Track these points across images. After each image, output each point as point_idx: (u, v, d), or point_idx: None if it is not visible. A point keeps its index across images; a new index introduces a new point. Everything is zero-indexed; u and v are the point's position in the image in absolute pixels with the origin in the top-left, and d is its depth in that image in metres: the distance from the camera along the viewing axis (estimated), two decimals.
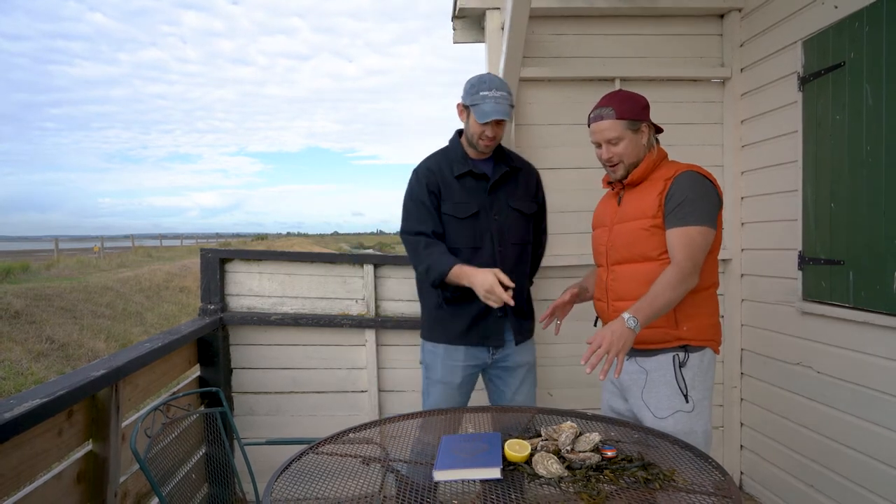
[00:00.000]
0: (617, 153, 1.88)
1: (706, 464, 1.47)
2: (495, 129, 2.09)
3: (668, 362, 1.84)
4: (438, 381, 2.20)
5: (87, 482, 1.80)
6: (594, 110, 1.92)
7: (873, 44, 2.07)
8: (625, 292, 1.89)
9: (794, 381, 2.59)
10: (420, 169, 2.21)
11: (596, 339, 1.62)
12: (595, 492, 1.32)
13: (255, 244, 41.60)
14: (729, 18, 2.99)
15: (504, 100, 2.07)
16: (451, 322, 2.17)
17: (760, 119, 2.83)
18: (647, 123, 1.90)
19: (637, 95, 1.93)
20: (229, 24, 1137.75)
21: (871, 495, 2.16)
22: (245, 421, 3.01)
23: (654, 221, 1.82)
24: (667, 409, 1.81)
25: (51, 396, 1.55)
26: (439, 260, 2.05)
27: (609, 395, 2.05)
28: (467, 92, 2.12)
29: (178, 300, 14.48)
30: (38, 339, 8.83)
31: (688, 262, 1.74)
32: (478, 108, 2.06)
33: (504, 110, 2.05)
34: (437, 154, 2.26)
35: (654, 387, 1.85)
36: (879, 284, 2.07)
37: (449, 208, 2.14)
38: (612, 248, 1.94)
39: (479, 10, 2.99)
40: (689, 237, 1.76)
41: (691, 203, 1.78)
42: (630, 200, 1.92)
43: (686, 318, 1.82)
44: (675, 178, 1.82)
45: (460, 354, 2.18)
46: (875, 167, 2.07)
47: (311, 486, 1.41)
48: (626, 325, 1.63)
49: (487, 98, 2.05)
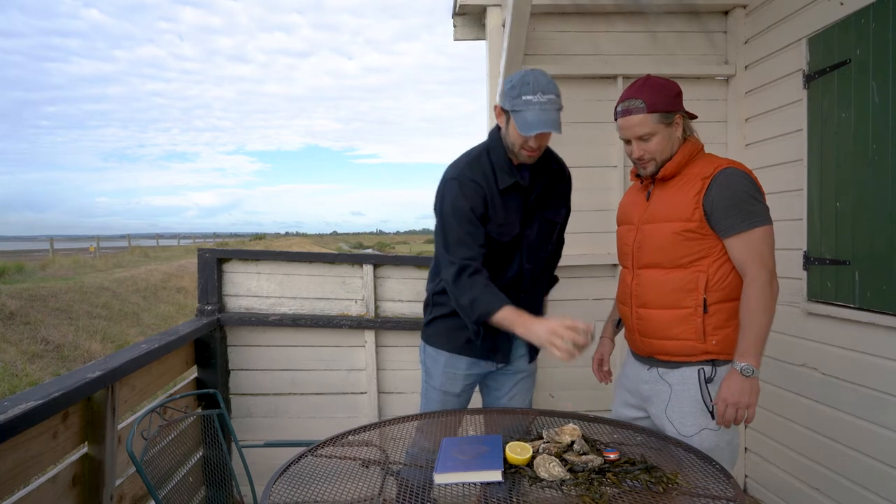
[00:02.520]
0: (649, 150, 1.71)
1: (710, 466, 1.45)
2: (539, 140, 1.78)
3: (692, 377, 1.71)
4: (437, 388, 2.08)
5: (82, 485, 1.78)
6: (621, 102, 1.72)
7: (880, 41, 2.05)
8: (651, 300, 1.76)
9: (799, 382, 2.57)
10: (464, 180, 1.85)
11: (720, 404, 1.61)
12: (598, 495, 1.30)
13: (254, 244, 41.60)
14: (733, 15, 2.98)
15: (552, 105, 1.73)
16: (459, 332, 1.98)
17: (765, 117, 2.81)
18: (680, 114, 1.72)
19: (669, 82, 1.73)
20: (228, 20, 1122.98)
21: (876, 498, 2.14)
22: (243, 423, 2.98)
23: (689, 225, 1.66)
24: (692, 427, 1.70)
25: (46, 398, 1.54)
26: (487, 296, 1.75)
27: (621, 406, 1.95)
28: (507, 94, 1.78)
29: (175, 301, 14.46)
30: (33, 341, 8.80)
31: (763, 272, 1.61)
32: (520, 116, 1.73)
33: (552, 119, 1.73)
34: (479, 159, 1.90)
35: (679, 402, 1.72)
36: (886, 285, 2.05)
37: (494, 229, 1.85)
38: (640, 249, 1.78)
39: (479, 7, 2.97)
40: (754, 243, 1.62)
41: (742, 204, 1.62)
42: (661, 197, 1.75)
43: (715, 331, 1.68)
44: (713, 177, 1.65)
45: (462, 364, 2.02)
46: (881, 166, 2.05)
47: (310, 489, 1.39)
48: (744, 377, 1.59)
49: (532, 104, 1.72)
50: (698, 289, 1.68)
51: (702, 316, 1.68)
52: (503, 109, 1.82)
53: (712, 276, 1.67)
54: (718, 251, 1.67)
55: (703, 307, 1.67)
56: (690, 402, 1.71)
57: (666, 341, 1.73)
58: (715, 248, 1.67)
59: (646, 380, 1.82)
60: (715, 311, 1.67)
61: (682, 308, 1.70)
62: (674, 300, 1.70)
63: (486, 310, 1.74)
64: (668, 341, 1.73)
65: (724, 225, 1.64)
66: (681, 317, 1.70)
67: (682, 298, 1.70)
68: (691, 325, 1.69)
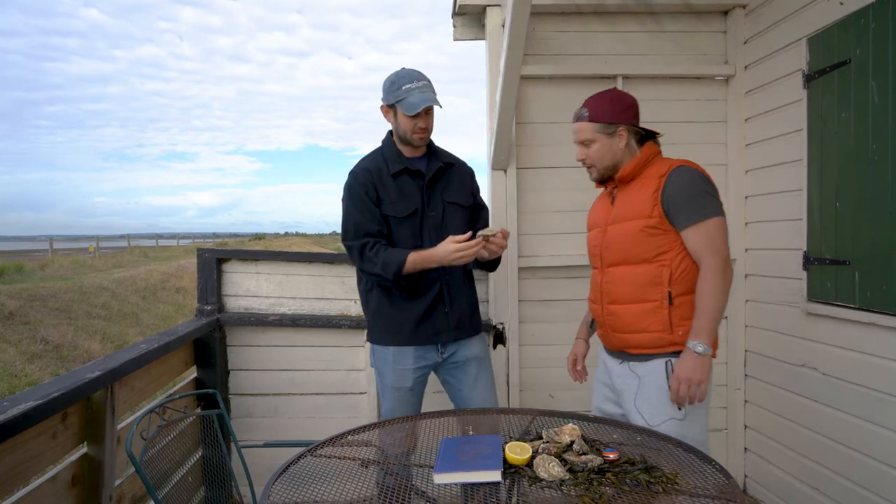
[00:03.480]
0: (590, 155, 1.90)
1: (709, 467, 1.45)
2: (426, 119, 2.08)
3: (660, 368, 1.82)
4: (390, 387, 2.19)
5: (81, 485, 1.78)
6: (576, 110, 1.93)
7: (880, 40, 2.04)
8: (620, 295, 1.88)
9: (799, 382, 2.57)
10: (357, 170, 2.17)
11: (673, 381, 1.74)
12: (597, 495, 1.30)
13: (253, 244, 41.57)
14: (733, 15, 2.97)
15: (427, 87, 2.06)
16: (399, 323, 2.14)
17: (765, 117, 2.81)
18: (626, 127, 1.86)
19: (624, 97, 1.90)
20: (227, 20, 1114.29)
21: (876, 498, 2.13)
22: (242, 423, 2.97)
23: (650, 222, 1.80)
24: (660, 416, 1.80)
25: (45, 398, 1.54)
26: (391, 254, 2.03)
27: (600, 399, 2.05)
28: (388, 91, 2.09)
29: (174, 301, 14.46)
30: (33, 341, 8.80)
31: (717, 259, 1.74)
32: (405, 102, 2.03)
33: (432, 97, 2.04)
34: (373, 154, 2.22)
35: (647, 393, 1.83)
36: (885, 285, 2.05)
37: (388, 208, 2.11)
38: (607, 249, 1.91)
39: (479, 7, 2.96)
40: (707, 232, 1.75)
41: (695, 197, 1.76)
42: (624, 199, 1.89)
43: (681, 322, 1.79)
44: (668, 175, 1.79)
45: (409, 358, 2.15)
46: (881, 166, 2.05)
47: (310, 489, 1.38)
48: (695, 354, 1.71)
49: (412, 90, 2.03)
50: (663, 282, 1.80)
51: (668, 308, 1.79)
52: (389, 106, 2.11)
53: (675, 270, 1.80)
54: (679, 245, 1.80)
55: (668, 300, 1.79)
56: (658, 393, 1.81)
57: (636, 334, 1.84)
58: (676, 243, 1.80)
59: (618, 374, 1.93)
60: (680, 303, 1.79)
61: (649, 301, 1.82)
62: (641, 294, 1.82)
63: (396, 263, 2.00)
64: (637, 334, 1.84)
65: (679, 217, 1.77)
66: (648, 310, 1.82)
67: (648, 292, 1.81)
68: (658, 318, 1.80)
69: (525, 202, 3.01)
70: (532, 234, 3.02)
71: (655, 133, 1.94)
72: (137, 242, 37.80)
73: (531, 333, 3.02)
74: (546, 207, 3.02)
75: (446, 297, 2.14)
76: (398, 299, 2.13)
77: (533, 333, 3.02)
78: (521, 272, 2.97)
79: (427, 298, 2.11)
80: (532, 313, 3.00)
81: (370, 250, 2.06)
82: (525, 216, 3.01)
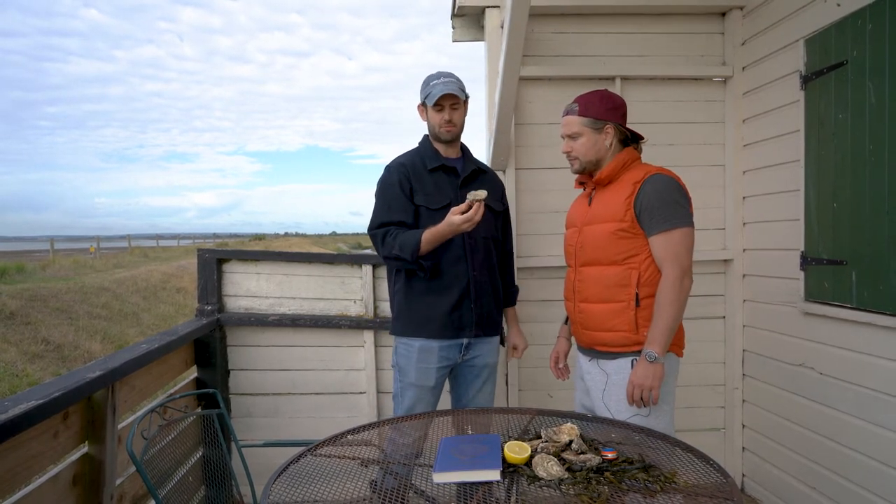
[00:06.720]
0: (575, 148, 1.95)
1: (707, 466, 1.46)
2: (451, 113, 2.19)
3: (626, 366, 1.87)
4: (412, 385, 2.22)
5: (83, 485, 1.79)
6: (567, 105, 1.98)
7: (876, 42, 2.05)
8: (591, 294, 1.94)
9: (797, 382, 2.58)
10: (392, 165, 2.28)
11: (629, 386, 1.81)
12: (596, 494, 1.30)
13: (253, 244, 41.57)
14: (730, 16, 2.98)
15: (452, 82, 2.18)
16: (426, 316, 2.20)
17: (762, 118, 2.82)
18: (613, 125, 1.92)
19: (613, 98, 1.96)
20: (227, 20, 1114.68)
21: (873, 497, 2.14)
22: (243, 423, 2.98)
23: (622, 225, 1.86)
24: (626, 413, 1.86)
25: (46, 398, 1.54)
26: (408, 235, 2.11)
27: (581, 394, 2.10)
28: (421, 91, 2.25)
29: (174, 301, 14.46)
30: (34, 341, 8.80)
31: (675, 270, 1.80)
32: (430, 95, 2.18)
33: (452, 87, 2.16)
34: (410, 152, 2.33)
35: (614, 389, 1.89)
36: (882, 285, 2.05)
37: (421, 199, 2.20)
38: (581, 249, 1.98)
39: (478, 9, 2.97)
40: (672, 242, 1.81)
41: (666, 206, 1.82)
42: (600, 201, 1.95)
43: (646, 323, 1.85)
44: (643, 182, 1.85)
45: (434, 357, 2.20)
46: (878, 166, 2.06)
47: (310, 488, 1.39)
48: (648, 362, 1.78)
49: (437, 84, 2.17)
50: (631, 284, 1.86)
51: (634, 309, 1.86)
52: (422, 105, 2.25)
53: (643, 273, 1.86)
54: (649, 250, 1.86)
55: (635, 301, 1.86)
56: (623, 389, 1.86)
57: (604, 332, 1.90)
58: (645, 247, 1.86)
59: (588, 370, 1.99)
60: (646, 304, 1.85)
61: (617, 302, 1.88)
62: (610, 294, 1.89)
63: (413, 243, 2.08)
64: (606, 333, 1.90)
65: (648, 224, 1.83)
66: (616, 310, 1.88)
67: (617, 293, 1.88)
68: (625, 318, 1.86)
69: (524, 203, 3.03)
70: (531, 234, 3.03)
71: (640, 137, 2.00)
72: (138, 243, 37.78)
73: (530, 333, 3.01)
74: (545, 208, 3.03)
75: (472, 293, 2.20)
76: (426, 293, 2.20)
77: (531, 333, 3.02)
78: (520, 272, 2.97)
79: (454, 293, 2.18)
80: (531, 313, 3.01)
81: (390, 236, 2.15)
82: (524, 216, 3.02)
